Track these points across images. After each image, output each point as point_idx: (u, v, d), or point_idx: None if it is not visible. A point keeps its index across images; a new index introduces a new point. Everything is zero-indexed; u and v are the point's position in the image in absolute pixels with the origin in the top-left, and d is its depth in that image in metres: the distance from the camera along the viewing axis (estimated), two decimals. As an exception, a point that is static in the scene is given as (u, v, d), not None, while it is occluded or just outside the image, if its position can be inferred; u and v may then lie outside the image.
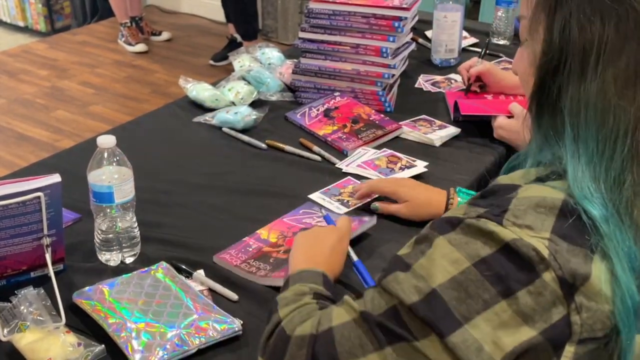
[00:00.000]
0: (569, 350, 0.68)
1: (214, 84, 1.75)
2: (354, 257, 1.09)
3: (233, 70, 1.84)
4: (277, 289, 0.96)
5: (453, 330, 0.68)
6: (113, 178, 1.10)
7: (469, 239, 0.69)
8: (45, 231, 1.05)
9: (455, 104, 1.61)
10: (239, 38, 4.02)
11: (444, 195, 1.22)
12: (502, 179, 0.77)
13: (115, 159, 1.11)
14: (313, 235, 1.04)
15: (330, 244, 1.02)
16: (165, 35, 4.45)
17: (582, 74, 0.69)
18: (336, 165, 1.45)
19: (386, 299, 0.73)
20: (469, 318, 0.68)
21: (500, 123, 1.49)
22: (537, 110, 0.75)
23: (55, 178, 1.02)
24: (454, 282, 0.68)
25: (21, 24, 4.76)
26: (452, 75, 1.87)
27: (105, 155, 1.11)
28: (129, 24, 4.30)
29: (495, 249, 0.67)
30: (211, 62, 4.08)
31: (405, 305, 0.70)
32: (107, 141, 1.10)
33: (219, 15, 4.38)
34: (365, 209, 1.28)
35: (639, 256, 0.68)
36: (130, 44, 4.29)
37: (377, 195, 1.29)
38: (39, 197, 1.00)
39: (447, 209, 1.18)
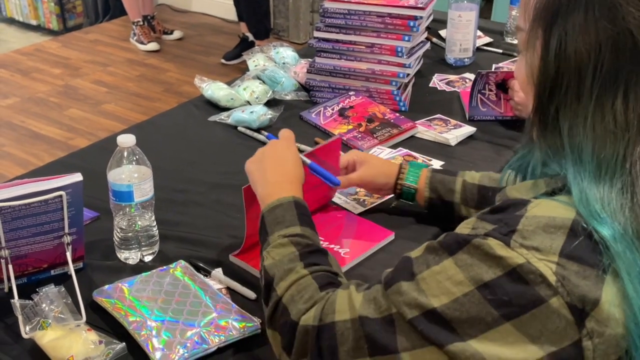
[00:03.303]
0: None
1: (229, 83, 1.76)
2: (307, 161, 1.10)
3: (245, 69, 1.85)
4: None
5: (452, 342, 0.68)
6: (133, 177, 1.11)
7: (474, 260, 0.69)
8: (66, 229, 1.06)
9: (471, 102, 1.61)
10: (250, 37, 4.03)
11: (397, 166, 1.25)
12: (511, 192, 0.77)
13: (134, 158, 1.12)
14: (261, 157, 1.04)
15: (281, 156, 1.03)
16: (176, 34, 4.47)
17: (578, 97, 0.69)
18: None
19: (386, 306, 0.74)
20: (472, 336, 0.68)
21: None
22: (540, 125, 0.74)
23: (77, 177, 1.03)
24: (457, 303, 0.69)
25: (34, 22, 4.79)
26: (467, 75, 1.87)
27: (125, 154, 1.12)
28: (141, 23, 4.32)
29: (500, 273, 0.67)
30: (223, 61, 4.09)
31: (406, 320, 0.72)
32: (127, 140, 1.11)
33: (231, 14, 4.39)
34: (383, 210, 1.29)
35: None
36: (142, 43, 4.30)
37: (390, 196, 1.30)
38: (60, 196, 1.01)
39: (398, 177, 1.22)
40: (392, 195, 1.28)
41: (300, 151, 1.10)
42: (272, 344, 0.88)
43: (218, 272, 1.12)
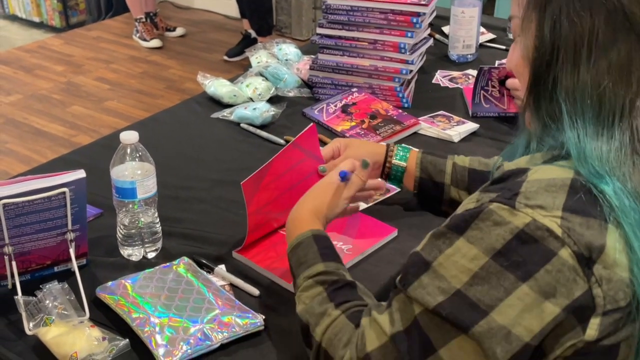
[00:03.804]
0: (594, 322, 0.70)
1: (232, 80, 1.76)
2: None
3: (247, 66, 1.85)
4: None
5: (477, 321, 0.70)
6: (136, 174, 1.11)
7: (484, 233, 0.71)
8: (70, 226, 1.06)
9: (474, 98, 1.60)
10: (253, 34, 4.02)
11: (384, 146, 1.23)
12: (508, 166, 0.79)
13: (138, 155, 1.12)
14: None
15: (311, 191, 1.05)
16: (179, 31, 4.47)
17: (575, 66, 0.72)
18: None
19: (410, 310, 0.75)
20: (493, 306, 0.70)
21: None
22: (535, 101, 0.77)
23: (80, 174, 1.03)
24: (476, 277, 0.71)
25: (36, 19, 4.79)
26: (470, 71, 1.86)
27: (128, 151, 1.12)
28: (143, 20, 4.32)
29: (510, 237, 0.70)
30: (225, 57, 4.09)
31: (430, 309, 0.73)
32: (130, 137, 1.11)
33: (233, 10, 4.39)
34: (385, 202, 1.29)
35: None
36: (144, 40, 4.30)
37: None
38: (64, 193, 1.01)
39: (387, 156, 1.21)
40: (379, 178, 1.26)
41: (287, 141, 1.09)
42: None
43: (221, 268, 1.13)
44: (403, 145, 1.26)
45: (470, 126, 1.56)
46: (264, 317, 1.02)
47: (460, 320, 0.71)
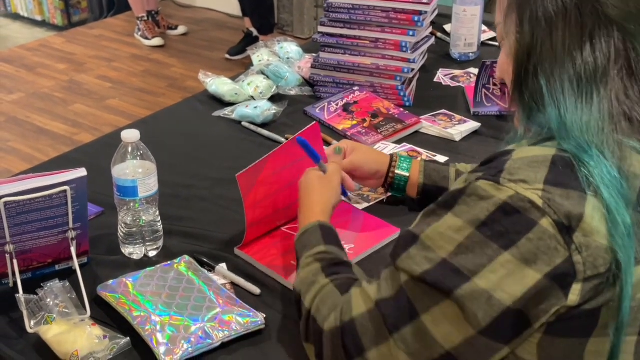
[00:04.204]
0: (576, 288, 0.73)
1: (233, 79, 1.76)
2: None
3: (249, 64, 1.85)
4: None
5: (460, 285, 0.74)
6: (137, 172, 1.11)
7: (470, 207, 0.76)
8: (71, 224, 1.06)
9: (475, 97, 1.60)
10: (254, 32, 4.02)
11: (388, 155, 1.27)
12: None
13: (139, 153, 1.12)
14: (300, 189, 1.12)
15: (309, 187, 1.10)
16: (181, 30, 4.47)
17: (553, 48, 0.78)
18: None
19: (397, 278, 0.79)
20: (476, 272, 0.74)
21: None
22: (519, 92, 0.82)
23: (81, 172, 1.03)
24: (461, 247, 0.75)
25: (38, 18, 4.79)
26: (471, 70, 1.86)
27: (130, 149, 1.12)
28: (145, 18, 4.32)
29: (494, 209, 0.74)
30: (227, 56, 4.09)
31: (416, 276, 0.76)
32: (131, 135, 1.11)
33: (235, 9, 4.39)
34: (388, 202, 1.29)
35: (625, 184, 0.74)
36: (146, 38, 4.30)
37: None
38: (65, 191, 1.01)
39: (390, 165, 1.25)
40: (382, 187, 1.27)
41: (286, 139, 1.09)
42: (310, 358, 0.90)
43: (222, 267, 1.12)
44: (404, 155, 1.27)
45: (472, 125, 1.56)
46: (265, 315, 1.01)
47: (443, 284, 0.74)
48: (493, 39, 2.06)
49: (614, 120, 0.77)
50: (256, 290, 1.08)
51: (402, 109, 1.62)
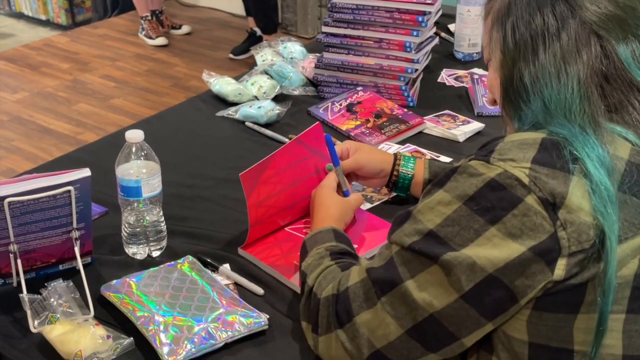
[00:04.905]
0: (561, 263, 0.76)
1: (237, 78, 1.76)
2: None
3: (253, 64, 1.85)
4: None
5: (446, 252, 0.78)
6: (141, 172, 1.11)
7: (459, 183, 0.80)
8: (75, 224, 1.06)
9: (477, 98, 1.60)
10: (258, 32, 4.02)
11: (392, 155, 1.28)
12: None
13: (143, 154, 1.12)
14: (313, 198, 1.18)
15: (336, 205, 1.14)
16: (185, 29, 4.47)
17: (535, 54, 0.84)
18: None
19: (388, 252, 0.85)
20: (463, 246, 0.78)
21: None
22: (508, 101, 0.87)
23: (85, 172, 1.03)
24: (449, 220, 0.79)
25: (43, 17, 4.80)
26: (475, 70, 1.85)
27: (134, 149, 1.12)
28: (149, 18, 4.32)
29: (482, 185, 0.78)
30: (231, 55, 4.09)
31: (405, 247, 0.81)
32: (135, 135, 1.11)
33: (239, 8, 4.39)
34: (393, 202, 1.29)
35: (607, 156, 0.78)
36: (150, 38, 4.31)
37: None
38: (69, 191, 1.01)
39: (395, 164, 1.26)
40: (385, 186, 1.28)
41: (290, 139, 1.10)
42: (307, 338, 0.93)
43: (226, 267, 1.13)
44: (408, 155, 1.28)
45: (476, 126, 1.56)
46: (268, 316, 1.01)
47: (430, 252, 0.79)
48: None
49: (593, 100, 0.81)
50: (259, 290, 1.08)
51: (405, 110, 1.61)
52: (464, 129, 1.54)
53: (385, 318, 0.82)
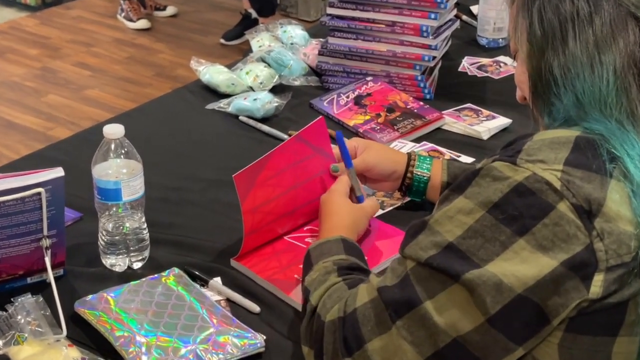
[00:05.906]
0: (598, 279, 0.75)
1: (230, 67, 1.77)
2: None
3: (247, 50, 1.86)
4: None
5: (468, 270, 0.77)
6: (121, 173, 1.12)
7: (482, 188, 0.79)
8: (45, 232, 1.07)
9: None
10: (254, 14, 4.04)
11: (405, 154, 1.28)
12: None
13: (123, 151, 1.13)
14: (322, 204, 1.17)
15: (349, 212, 1.14)
16: (170, 10, 4.49)
17: (565, 43, 0.84)
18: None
19: (402, 268, 0.84)
20: (488, 260, 0.77)
21: None
22: (537, 96, 0.87)
23: (58, 172, 1.03)
24: (471, 231, 0.78)
25: (8, -4, 4.82)
26: (501, 58, 1.86)
27: (112, 146, 1.12)
28: (129, -3, 4.34)
29: (508, 190, 0.77)
30: (222, 40, 4.11)
31: (422, 262, 0.80)
32: (114, 131, 1.12)
33: (232, -13, 4.41)
34: (407, 208, 1.29)
35: None
36: (130, 20, 4.33)
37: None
38: (39, 194, 1.02)
39: (408, 165, 1.26)
40: (398, 190, 1.28)
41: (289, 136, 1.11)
42: None
43: (216, 281, 1.13)
44: (424, 155, 1.28)
45: (502, 121, 1.56)
46: (264, 337, 1.02)
47: (451, 269, 0.78)
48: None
49: (631, 92, 0.82)
50: (255, 308, 1.09)
51: (421, 103, 1.62)
52: (488, 125, 1.55)
53: (402, 344, 0.81)
